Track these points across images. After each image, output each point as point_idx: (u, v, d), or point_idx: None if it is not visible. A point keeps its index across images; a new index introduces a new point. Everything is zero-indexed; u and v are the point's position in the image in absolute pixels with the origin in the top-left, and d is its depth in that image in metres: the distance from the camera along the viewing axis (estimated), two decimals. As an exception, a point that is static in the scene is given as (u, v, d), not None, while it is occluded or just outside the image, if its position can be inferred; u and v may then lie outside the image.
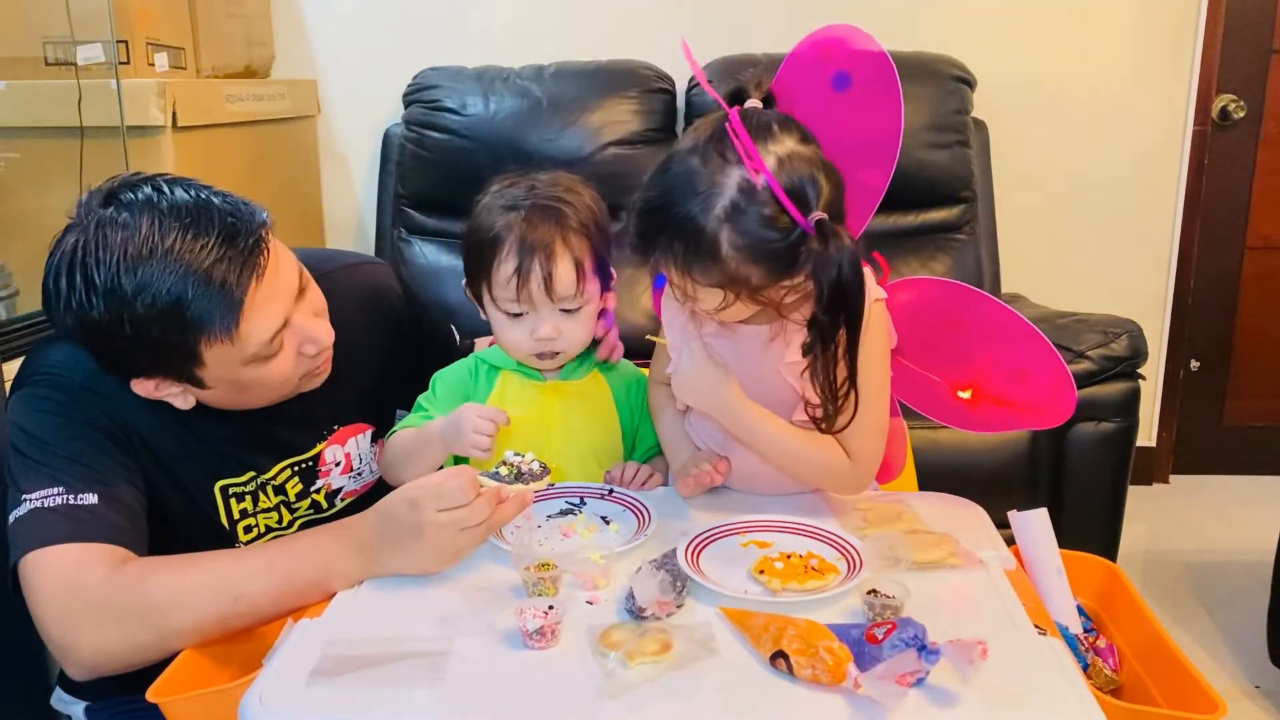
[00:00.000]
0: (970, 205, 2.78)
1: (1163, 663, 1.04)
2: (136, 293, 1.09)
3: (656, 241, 1.11)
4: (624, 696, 0.88)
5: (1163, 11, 2.90)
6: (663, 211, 1.10)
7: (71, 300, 1.12)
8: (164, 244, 1.10)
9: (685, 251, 1.09)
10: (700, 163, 1.09)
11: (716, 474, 1.27)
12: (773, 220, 1.06)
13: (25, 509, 1.13)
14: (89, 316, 1.11)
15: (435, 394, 1.39)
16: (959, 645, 0.88)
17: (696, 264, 1.10)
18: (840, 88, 1.29)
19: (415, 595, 1.08)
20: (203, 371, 1.16)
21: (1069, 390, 1.26)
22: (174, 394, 1.20)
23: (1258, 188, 3.05)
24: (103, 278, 1.10)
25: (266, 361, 1.18)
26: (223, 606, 1.08)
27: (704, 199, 1.08)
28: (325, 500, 1.39)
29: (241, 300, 1.12)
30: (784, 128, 1.11)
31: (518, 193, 1.33)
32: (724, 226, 1.07)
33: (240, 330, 1.13)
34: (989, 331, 1.31)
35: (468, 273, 1.37)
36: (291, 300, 1.19)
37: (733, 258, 1.08)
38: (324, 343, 1.24)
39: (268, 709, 0.88)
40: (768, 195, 1.06)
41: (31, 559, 1.10)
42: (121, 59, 2.16)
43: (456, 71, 2.82)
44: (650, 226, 1.12)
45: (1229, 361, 3.18)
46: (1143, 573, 2.62)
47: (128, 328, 1.11)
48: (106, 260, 1.10)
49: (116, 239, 1.10)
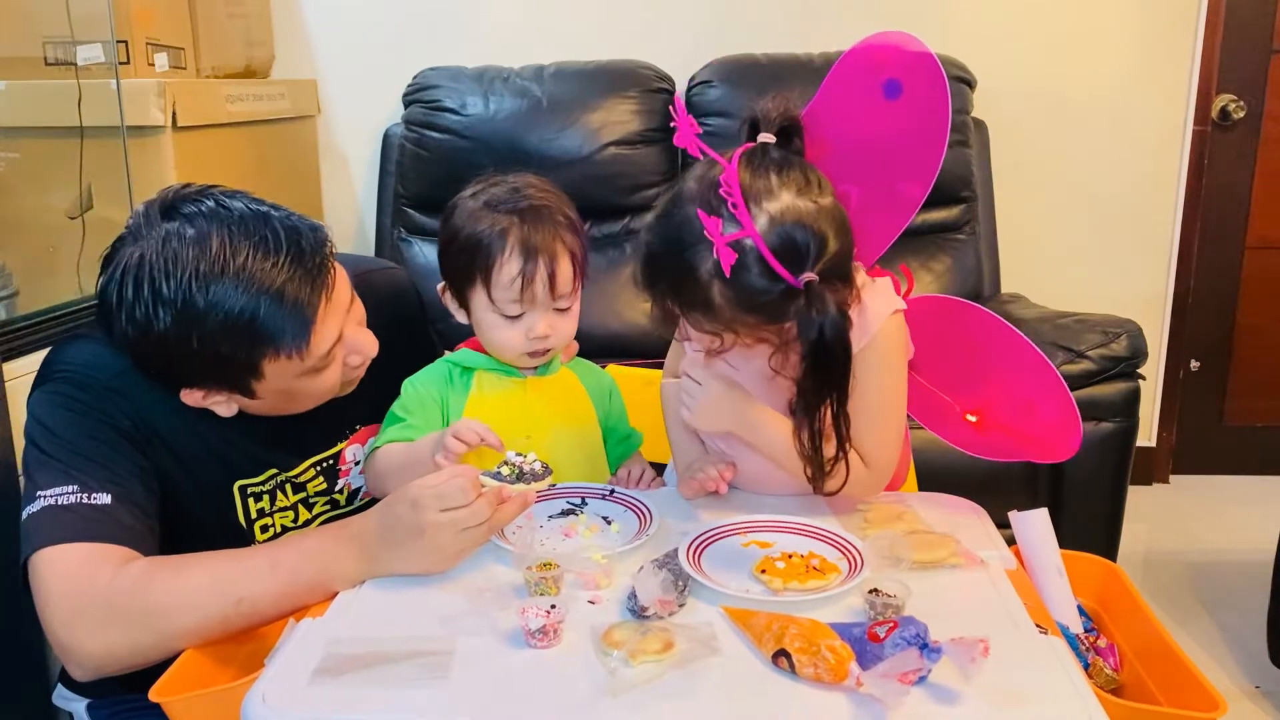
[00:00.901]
0: (970, 205, 2.78)
1: (1163, 662, 1.04)
2: (209, 309, 1.11)
3: (658, 286, 1.15)
4: (626, 695, 0.88)
5: (1163, 11, 2.91)
6: (662, 259, 1.14)
7: (136, 313, 1.12)
8: (236, 261, 1.11)
9: (681, 299, 1.13)
10: (696, 214, 1.09)
11: (722, 483, 1.27)
12: (762, 276, 1.07)
13: (39, 505, 1.13)
14: (154, 330, 1.12)
15: (410, 401, 1.36)
16: (961, 644, 0.88)
17: (692, 311, 1.13)
18: (892, 95, 1.27)
19: (418, 595, 1.08)
20: (259, 384, 1.18)
21: (1075, 428, 1.26)
22: (219, 402, 1.21)
23: (1258, 188, 3.05)
24: (172, 292, 1.10)
25: (319, 373, 1.21)
26: (225, 608, 1.09)
27: (697, 251, 1.09)
28: (345, 500, 1.39)
29: (313, 318, 1.15)
30: (785, 177, 1.10)
31: (499, 194, 1.33)
32: (714, 280, 1.09)
33: (310, 346, 1.15)
34: (1002, 358, 1.31)
35: (454, 277, 1.36)
36: (345, 314, 1.22)
37: (725, 309, 1.10)
38: (369, 353, 1.26)
39: (270, 708, 0.88)
40: (756, 255, 1.07)
41: (41, 556, 1.11)
42: (121, 59, 2.16)
43: (456, 71, 2.82)
44: (652, 271, 1.16)
45: (1229, 361, 3.18)
46: (1143, 573, 2.62)
47: (195, 343, 1.12)
48: (177, 275, 1.10)
49: (186, 254, 1.11)
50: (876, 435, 1.22)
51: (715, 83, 2.77)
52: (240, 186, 1.23)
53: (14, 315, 1.79)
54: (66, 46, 2.10)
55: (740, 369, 1.24)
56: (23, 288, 1.90)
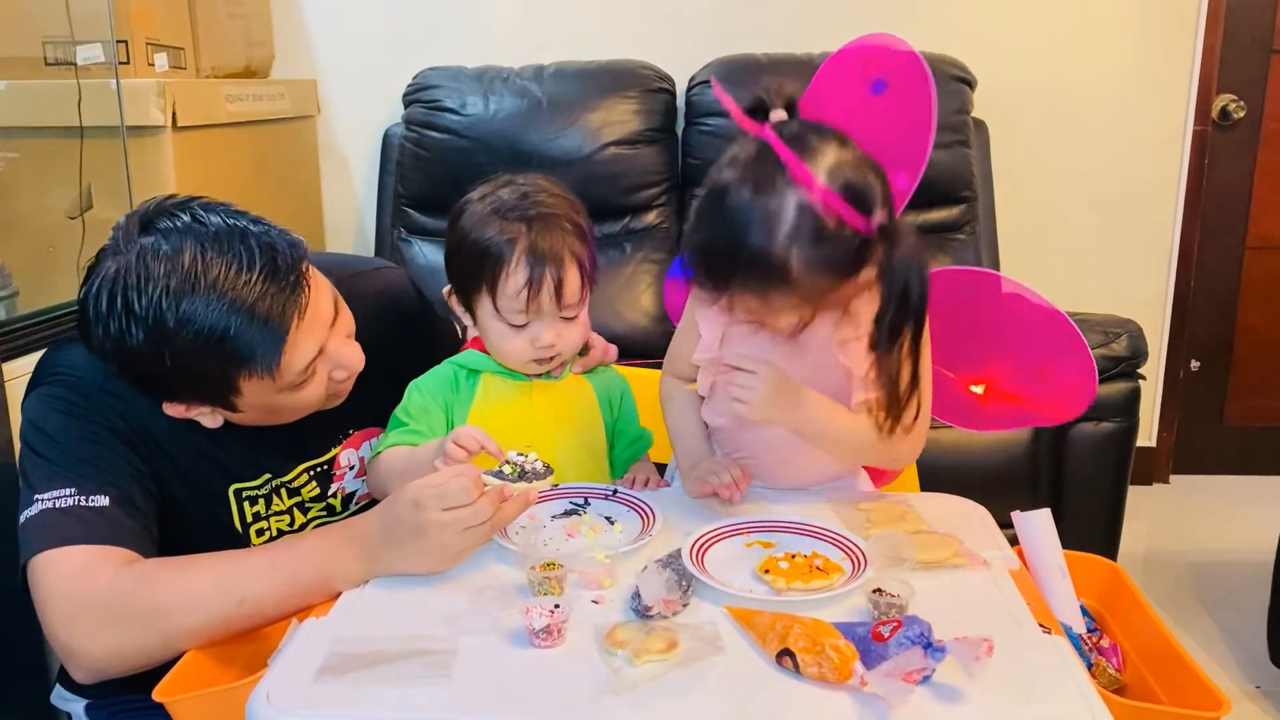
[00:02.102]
0: (970, 205, 2.78)
1: (1166, 661, 1.04)
2: (179, 326, 1.10)
3: (730, 280, 1.11)
4: (629, 693, 0.88)
5: (1163, 11, 2.91)
6: (728, 249, 1.09)
7: (110, 327, 1.11)
8: (208, 277, 1.10)
9: (760, 282, 1.10)
10: (752, 192, 1.08)
11: (736, 492, 1.24)
12: (837, 231, 1.07)
13: (36, 509, 1.13)
14: (127, 344, 1.11)
15: (414, 405, 1.35)
16: (965, 643, 0.88)
17: (774, 291, 1.10)
18: (878, 91, 1.29)
19: (421, 594, 1.08)
20: (238, 399, 1.17)
21: (1090, 381, 1.26)
22: (204, 414, 1.21)
23: (1258, 188, 3.06)
24: (143, 308, 1.10)
25: (300, 388, 1.20)
26: (227, 608, 1.08)
27: (765, 227, 1.07)
28: (340, 504, 1.39)
29: (285, 336, 1.13)
30: (820, 135, 1.10)
31: (508, 198, 1.30)
32: (791, 249, 1.06)
33: (282, 365, 1.14)
34: (1018, 323, 1.31)
35: (460, 282, 1.34)
36: (327, 329, 1.20)
37: (805, 276, 1.08)
38: (354, 367, 1.25)
39: (275, 707, 0.88)
40: (826, 209, 1.06)
41: (40, 560, 1.10)
42: (121, 59, 2.16)
43: (456, 71, 2.82)
44: (719, 266, 1.11)
45: (1229, 361, 3.18)
46: (1143, 573, 2.62)
47: (168, 360, 1.11)
48: (149, 291, 1.09)
49: (159, 269, 1.10)
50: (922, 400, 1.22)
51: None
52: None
53: (14, 315, 1.79)
54: (66, 46, 2.10)
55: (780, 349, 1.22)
56: (22, 288, 1.90)
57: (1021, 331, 1.30)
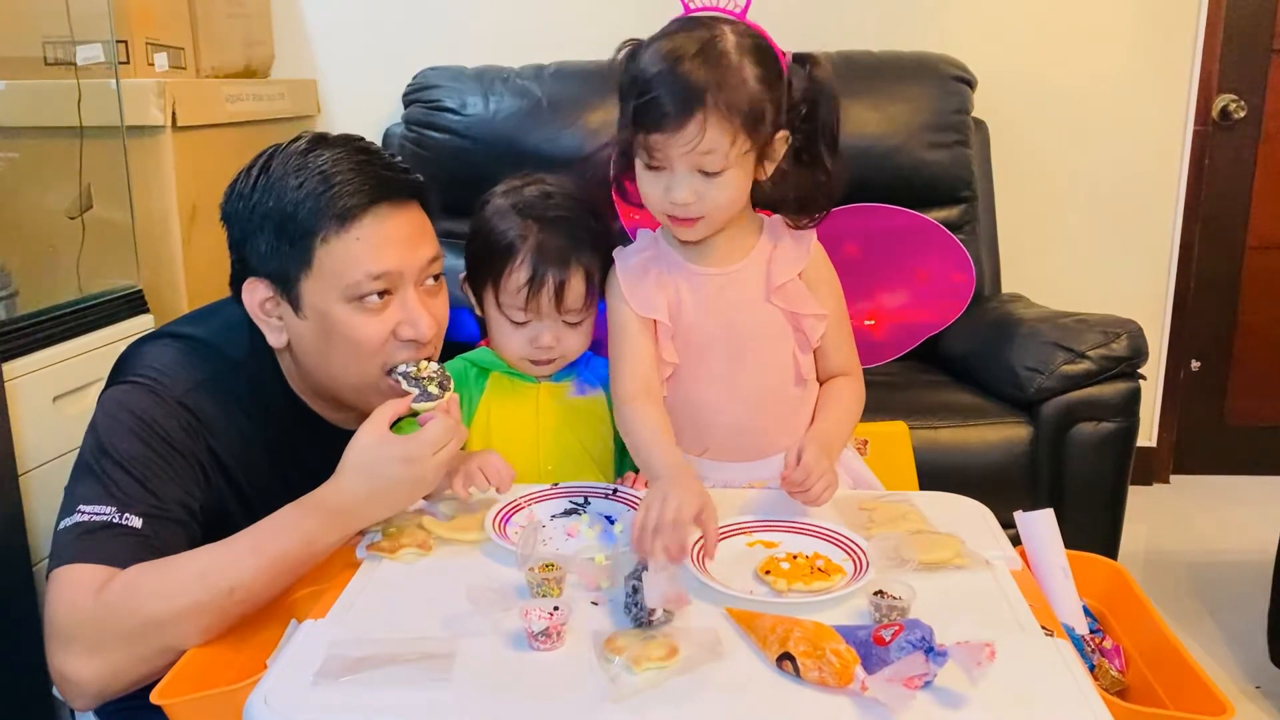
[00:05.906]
0: (970, 205, 2.77)
1: (1169, 664, 1.04)
2: (288, 175, 1.21)
3: (701, 99, 1.16)
4: (628, 701, 0.88)
5: (1163, 11, 2.90)
6: (693, 73, 1.17)
7: (241, 184, 1.25)
8: (330, 156, 1.22)
9: (721, 97, 1.16)
10: (693, 33, 1.21)
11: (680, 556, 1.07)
12: (769, 50, 1.21)
13: (74, 519, 1.13)
14: (242, 189, 1.24)
15: None
16: (966, 647, 0.87)
17: (732, 108, 1.17)
18: None
19: (420, 596, 1.08)
20: (306, 285, 1.20)
21: (967, 275, 1.33)
22: (273, 319, 1.25)
23: (1258, 188, 3.05)
24: (272, 167, 1.23)
25: (359, 309, 1.21)
26: (218, 599, 1.07)
27: (718, 49, 1.18)
28: None
29: (365, 208, 1.20)
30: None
31: (532, 196, 1.32)
32: (745, 59, 1.19)
33: (350, 241, 1.19)
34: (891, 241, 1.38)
35: (472, 271, 1.37)
36: (411, 260, 1.23)
37: (755, 88, 1.18)
38: (422, 330, 1.24)
39: (273, 710, 0.88)
40: (754, 36, 1.21)
41: (57, 574, 1.11)
42: (121, 59, 2.16)
43: (456, 71, 2.81)
44: (687, 87, 1.17)
45: (1229, 361, 3.17)
46: (1143, 573, 2.62)
47: (272, 201, 1.21)
48: (280, 159, 1.24)
49: (298, 147, 1.25)
50: (849, 343, 1.36)
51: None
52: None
53: (13, 315, 1.79)
54: (66, 46, 2.09)
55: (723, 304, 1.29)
56: (22, 287, 1.89)
57: (900, 247, 1.39)
